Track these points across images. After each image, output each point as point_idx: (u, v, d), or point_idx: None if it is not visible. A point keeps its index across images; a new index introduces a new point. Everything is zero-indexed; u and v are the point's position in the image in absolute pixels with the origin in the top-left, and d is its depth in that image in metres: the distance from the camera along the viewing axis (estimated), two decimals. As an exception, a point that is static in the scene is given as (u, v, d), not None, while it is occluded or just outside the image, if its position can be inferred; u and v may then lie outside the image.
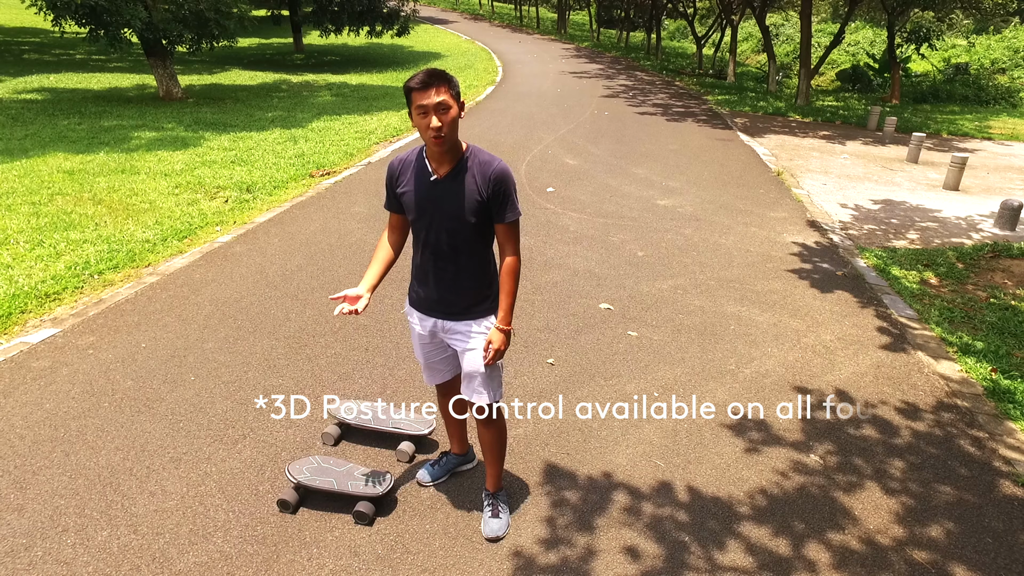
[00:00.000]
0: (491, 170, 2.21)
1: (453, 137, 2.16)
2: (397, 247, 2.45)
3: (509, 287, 2.32)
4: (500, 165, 2.23)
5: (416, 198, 2.26)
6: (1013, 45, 19.30)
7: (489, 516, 2.62)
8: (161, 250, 5.24)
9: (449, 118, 2.10)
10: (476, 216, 2.24)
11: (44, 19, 10.90)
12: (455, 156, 2.21)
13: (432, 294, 2.37)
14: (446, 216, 2.24)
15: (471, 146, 2.26)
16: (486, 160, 2.23)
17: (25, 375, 3.50)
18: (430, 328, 2.43)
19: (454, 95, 2.11)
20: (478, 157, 2.24)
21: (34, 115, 10.12)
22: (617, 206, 6.89)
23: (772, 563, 2.52)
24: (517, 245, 2.33)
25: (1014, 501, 2.90)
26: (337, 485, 2.66)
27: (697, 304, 4.68)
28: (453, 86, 2.11)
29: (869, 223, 6.93)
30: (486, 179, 2.20)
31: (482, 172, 2.21)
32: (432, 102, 2.06)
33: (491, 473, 2.65)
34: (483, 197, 2.22)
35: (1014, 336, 4.37)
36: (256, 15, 23.48)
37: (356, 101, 13.03)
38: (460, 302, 2.35)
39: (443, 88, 2.08)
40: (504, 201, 2.25)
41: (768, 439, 3.26)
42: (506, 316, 2.33)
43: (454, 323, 2.38)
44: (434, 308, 2.39)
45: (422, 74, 2.09)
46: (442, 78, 2.09)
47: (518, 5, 40.26)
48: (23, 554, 2.41)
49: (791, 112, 14.13)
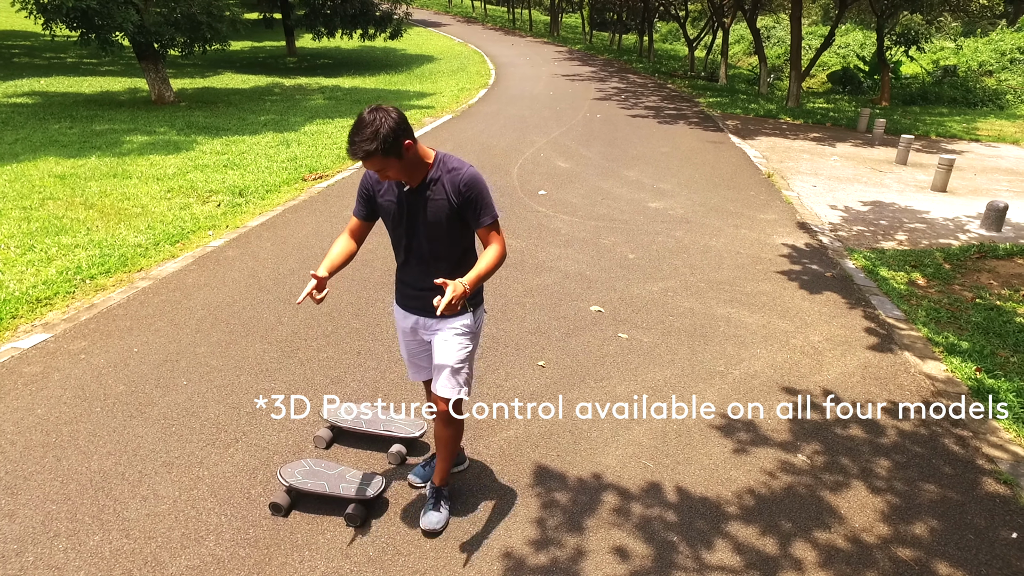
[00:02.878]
0: (459, 178, 2.23)
1: (410, 169, 2.19)
2: (356, 246, 2.49)
3: (484, 263, 2.28)
4: (468, 172, 2.25)
5: (390, 206, 2.32)
6: (1000, 47, 19.49)
7: (430, 508, 2.64)
8: (153, 254, 5.25)
9: (394, 172, 2.15)
10: (450, 223, 2.28)
11: (34, 22, 10.87)
12: (423, 169, 2.24)
13: (412, 293, 2.45)
14: (421, 223, 2.30)
15: (439, 155, 2.28)
16: (454, 167, 2.26)
17: (16, 380, 3.50)
18: (411, 325, 2.50)
19: (384, 154, 2.06)
20: (447, 165, 2.26)
21: (25, 119, 10.08)
22: (608, 209, 6.93)
23: (759, 562, 2.56)
24: (502, 241, 2.35)
25: (996, 498, 2.95)
26: (329, 488, 2.68)
27: (687, 306, 4.72)
28: (380, 148, 2.04)
29: (858, 224, 7.00)
30: (456, 188, 2.24)
31: (451, 181, 2.24)
32: (371, 168, 2.12)
33: (440, 468, 2.66)
34: (455, 205, 2.25)
35: (999, 336, 4.43)
36: (248, 18, 23.46)
37: (349, 104, 13.04)
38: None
39: (374, 160, 2.07)
40: (477, 207, 2.28)
41: (756, 439, 3.30)
42: (471, 276, 2.22)
43: (433, 320, 2.43)
44: (414, 306, 2.46)
45: (349, 144, 2.07)
46: (366, 150, 2.03)
47: (511, 8, 40.34)
48: (14, 560, 2.41)
49: (782, 114, 14.23)
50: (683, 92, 17.43)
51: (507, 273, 5.14)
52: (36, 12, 10.41)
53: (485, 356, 3.92)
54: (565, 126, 11.55)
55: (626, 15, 30.12)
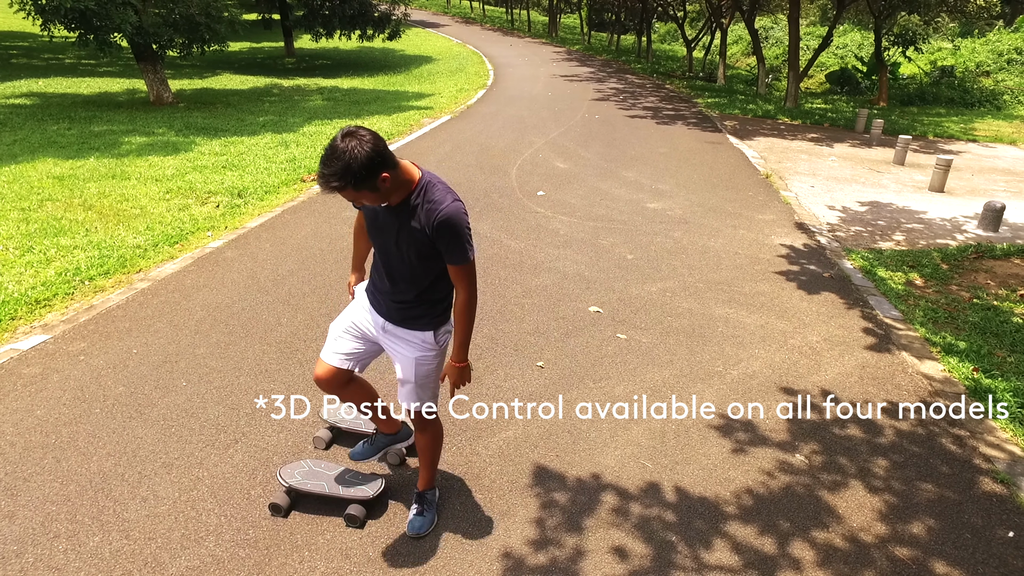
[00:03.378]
0: (435, 216, 2.08)
1: (390, 194, 2.07)
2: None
3: (460, 326, 2.26)
4: (447, 210, 2.09)
5: (371, 215, 2.25)
6: (997, 48, 19.54)
7: (414, 514, 2.64)
8: (152, 256, 5.25)
9: (369, 201, 2.04)
10: (420, 253, 2.17)
11: (32, 23, 10.87)
12: (406, 190, 2.11)
13: (378, 293, 2.39)
14: (395, 242, 2.20)
15: (424, 180, 2.13)
16: (435, 200, 2.10)
17: (16, 382, 3.50)
18: (371, 317, 2.45)
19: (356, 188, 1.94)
20: (428, 195, 2.11)
21: (23, 120, 10.08)
22: (607, 209, 6.94)
23: (758, 561, 2.57)
24: (470, 286, 2.23)
25: (993, 498, 2.96)
26: (328, 489, 2.68)
27: (686, 306, 4.73)
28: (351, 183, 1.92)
29: (856, 225, 7.01)
30: (431, 223, 2.09)
31: (428, 214, 2.10)
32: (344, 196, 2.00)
33: (422, 474, 2.65)
34: (428, 238, 2.13)
35: (996, 336, 4.45)
36: (247, 19, 23.46)
37: (347, 105, 13.05)
38: (401, 312, 2.34)
39: (346, 192, 1.95)
40: (450, 246, 2.14)
41: (754, 439, 3.31)
42: (458, 352, 2.28)
43: (393, 327, 2.38)
44: (380, 308, 2.40)
45: (319, 174, 1.94)
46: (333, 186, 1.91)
47: (509, 9, 40.38)
48: (14, 560, 2.42)
49: (780, 115, 14.26)
50: (681, 93, 17.45)
51: (506, 274, 5.15)
52: (34, 13, 10.41)
53: (484, 356, 3.93)
54: (563, 127, 11.56)
55: (624, 16, 30.16)
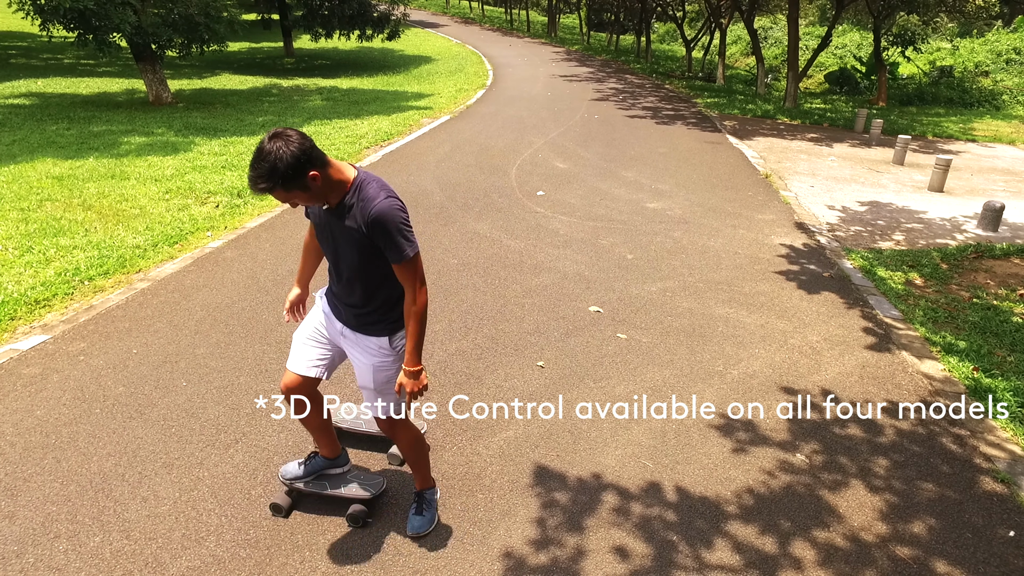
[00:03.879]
0: (368, 213, 2.07)
1: (324, 195, 2.07)
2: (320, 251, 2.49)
3: (411, 329, 2.23)
4: (379, 207, 2.07)
5: (315, 217, 2.26)
6: (996, 48, 19.56)
7: (412, 513, 2.64)
8: (152, 256, 5.24)
9: (303, 201, 2.05)
10: (361, 251, 2.16)
11: (31, 23, 10.85)
12: (341, 191, 2.10)
13: (335, 297, 2.39)
14: (337, 243, 2.21)
15: (359, 179, 2.12)
16: (368, 198, 2.09)
17: (15, 382, 3.50)
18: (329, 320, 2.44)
19: (285, 188, 1.95)
20: (362, 193, 2.10)
21: (22, 120, 10.07)
22: (607, 209, 6.94)
23: (759, 561, 2.57)
24: (417, 283, 2.19)
25: (993, 497, 2.97)
26: (330, 488, 2.68)
27: (686, 306, 4.73)
28: (279, 184, 1.93)
29: (856, 225, 7.02)
30: (365, 221, 2.09)
31: (362, 211, 2.09)
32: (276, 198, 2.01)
33: (414, 474, 2.65)
34: (365, 235, 2.12)
35: (995, 335, 4.45)
36: (246, 19, 23.45)
37: (347, 105, 13.04)
38: (355, 316, 2.33)
39: (275, 193, 1.97)
40: (387, 243, 2.11)
41: (755, 439, 3.31)
42: (410, 358, 2.25)
43: (351, 332, 2.37)
44: (337, 311, 2.40)
45: (248, 177, 1.96)
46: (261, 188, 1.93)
47: (508, 9, 40.38)
48: (15, 561, 2.41)
49: (779, 115, 14.26)
50: (681, 93, 17.46)
51: (506, 274, 5.15)
52: (33, 13, 10.40)
53: (484, 356, 3.93)
54: (563, 127, 11.56)
55: (624, 16, 30.17)
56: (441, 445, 3.15)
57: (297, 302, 2.65)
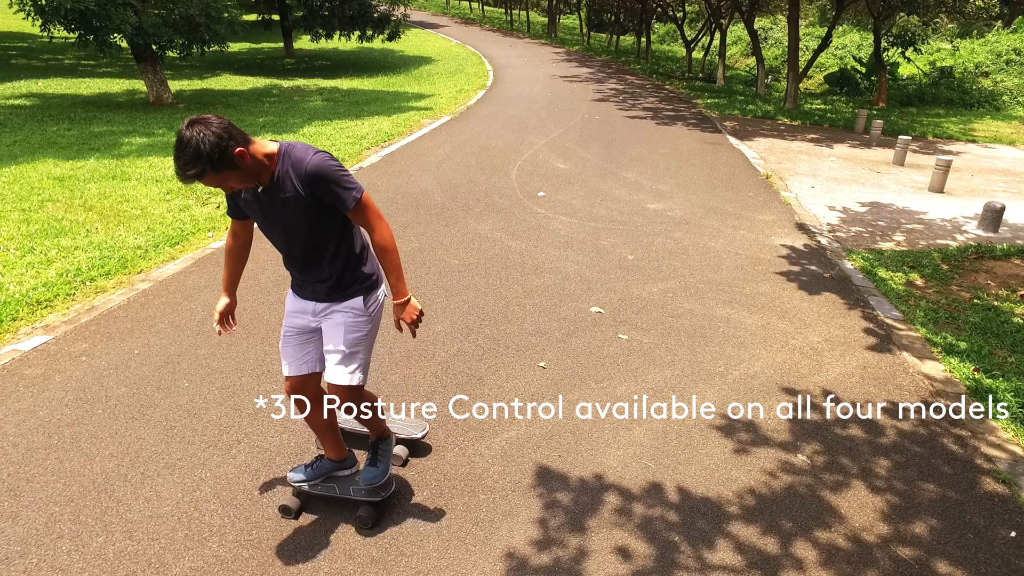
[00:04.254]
0: (303, 170, 2.11)
1: (254, 173, 2.09)
2: (245, 246, 2.49)
3: (388, 262, 2.27)
4: (311, 162, 2.11)
5: (251, 207, 2.25)
6: (996, 49, 19.57)
7: (367, 464, 2.65)
8: (153, 256, 5.25)
9: (236, 183, 2.06)
10: (310, 215, 2.18)
11: (32, 24, 10.87)
12: (270, 164, 2.13)
13: (300, 282, 2.42)
14: (283, 220, 2.21)
15: (283, 148, 2.15)
16: (298, 159, 2.12)
17: (18, 383, 3.50)
18: (299, 307, 2.44)
19: (216, 170, 1.96)
20: (291, 157, 2.13)
21: (23, 121, 10.07)
22: (607, 210, 6.95)
23: (761, 561, 2.57)
24: (376, 219, 2.23)
25: (995, 498, 2.97)
26: (339, 491, 2.69)
27: (687, 307, 4.74)
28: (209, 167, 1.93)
29: (856, 225, 7.02)
30: (301, 180, 2.12)
31: (296, 174, 2.12)
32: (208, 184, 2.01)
33: (370, 429, 2.66)
34: (308, 195, 2.14)
35: (996, 336, 4.45)
36: (246, 20, 23.45)
37: (347, 106, 13.05)
38: (325, 288, 2.36)
39: (207, 178, 1.97)
40: (332, 192, 2.15)
41: (756, 439, 3.31)
42: (397, 289, 2.30)
43: (326, 305, 2.39)
44: (305, 292, 2.42)
45: (175, 169, 1.95)
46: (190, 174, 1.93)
47: (508, 9, 40.40)
48: (18, 561, 2.42)
49: (780, 115, 14.27)
50: (681, 93, 17.47)
51: (507, 274, 5.15)
52: (34, 14, 10.41)
53: (486, 357, 3.94)
54: (563, 127, 11.57)
55: (624, 16, 30.18)
56: (443, 446, 3.15)
57: (227, 312, 2.55)
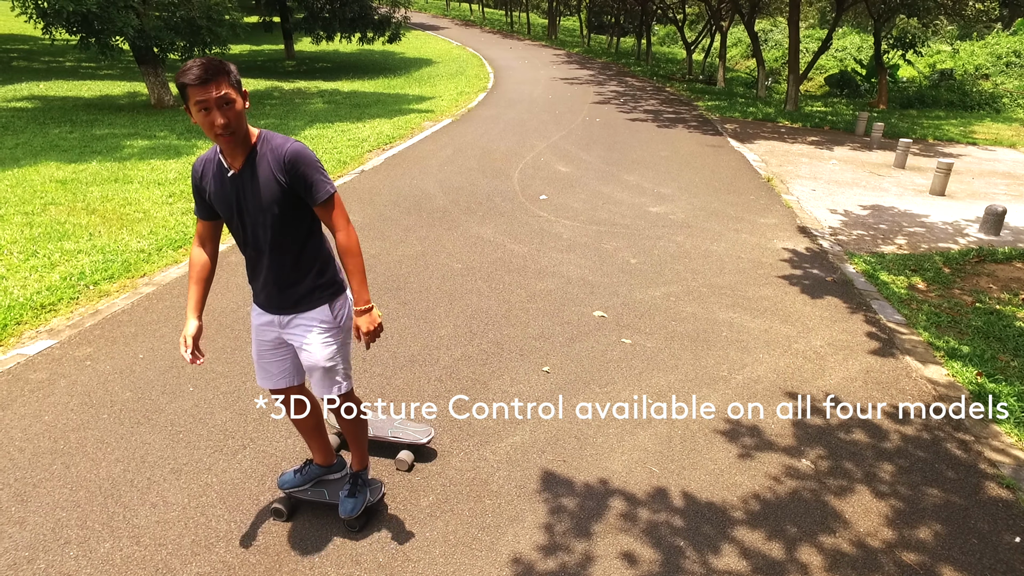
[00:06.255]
0: (283, 153, 2.09)
1: (242, 130, 2.07)
2: (212, 257, 2.37)
3: (352, 266, 2.20)
4: (292, 146, 2.10)
5: (219, 196, 2.18)
6: (996, 51, 19.60)
7: (345, 495, 2.60)
8: (156, 260, 5.26)
9: (234, 113, 2.00)
10: (281, 205, 2.13)
11: (34, 27, 10.87)
12: (247, 147, 2.11)
13: (263, 290, 2.31)
14: (252, 210, 2.15)
15: (263, 132, 2.15)
16: (278, 144, 2.11)
17: (23, 387, 3.51)
18: (265, 322, 2.37)
19: (235, 86, 2.00)
20: (270, 142, 2.12)
21: (24, 124, 10.08)
22: (609, 213, 6.96)
23: (766, 566, 2.58)
24: (344, 220, 2.20)
25: (999, 503, 2.98)
26: (329, 496, 2.70)
27: (689, 311, 4.75)
28: (233, 77, 2.00)
29: (858, 228, 7.03)
30: (280, 164, 2.09)
31: (275, 157, 2.09)
32: (212, 97, 1.94)
33: (353, 453, 2.64)
34: (283, 183, 2.11)
35: (999, 340, 4.46)
36: (247, 22, 23.46)
37: (348, 108, 13.06)
38: (291, 296, 2.27)
39: (223, 82, 1.96)
40: (308, 182, 2.12)
41: (761, 444, 3.32)
42: (359, 296, 2.21)
43: (292, 316, 2.31)
44: (270, 304, 2.32)
45: (197, 67, 1.92)
46: (219, 71, 1.95)
47: (509, 11, 40.45)
48: (26, 567, 2.42)
49: (780, 118, 14.29)
50: (681, 95, 17.49)
51: (510, 278, 5.16)
52: (36, 16, 10.42)
53: (490, 361, 3.94)
54: (564, 130, 11.58)
55: (624, 18, 30.22)
56: (448, 451, 3.16)
57: (197, 336, 2.31)
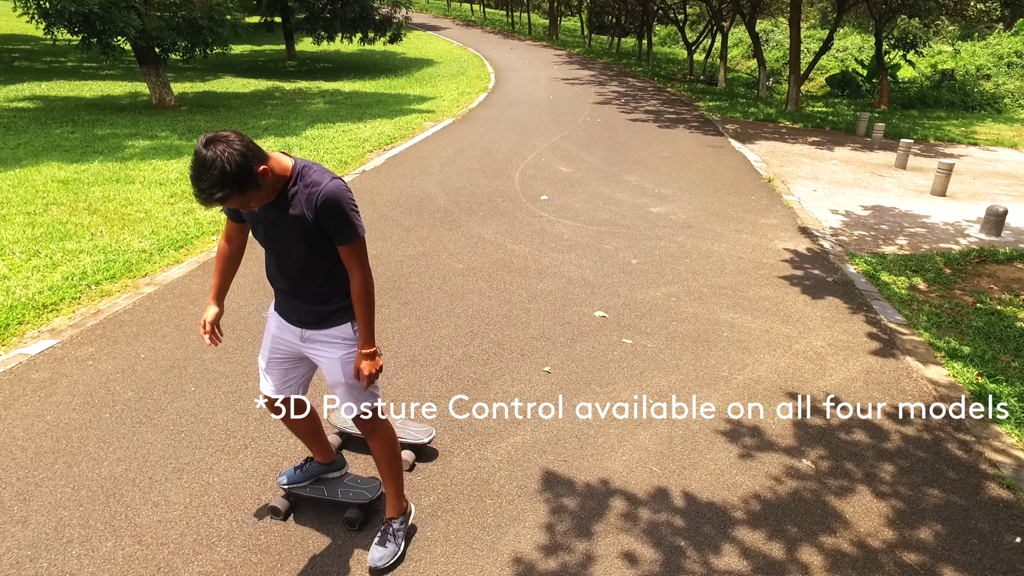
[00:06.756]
0: (317, 196, 2.04)
1: (272, 191, 2.02)
2: (238, 252, 2.40)
3: (361, 311, 2.21)
4: (327, 188, 2.04)
5: (254, 217, 2.17)
6: (997, 51, 19.59)
7: (376, 543, 2.50)
8: (158, 260, 5.26)
9: (256, 202, 2.00)
10: (309, 241, 2.12)
11: (36, 27, 10.89)
12: (281, 181, 2.06)
13: (288, 303, 2.32)
14: (282, 238, 2.15)
15: (297, 166, 2.08)
16: (313, 182, 2.05)
17: (25, 387, 3.52)
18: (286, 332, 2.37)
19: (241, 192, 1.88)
20: (305, 179, 2.06)
21: (26, 124, 10.10)
22: (610, 214, 6.96)
23: (766, 567, 2.58)
24: (360, 265, 2.18)
25: (999, 503, 2.98)
26: (327, 493, 2.70)
27: (690, 311, 4.75)
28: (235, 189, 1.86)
29: (859, 229, 7.04)
30: (312, 205, 2.05)
31: (308, 197, 2.05)
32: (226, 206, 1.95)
33: (387, 493, 2.54)
34: (313, 222, 2.08)
35: (1000, 340, 4.46)
36: (249, 22, 23.47)
37: (349, 108, 13.07)
38: (315, 312, 2.28)
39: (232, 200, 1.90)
40: (338, 224, 2.08)
41: (761, 444, 3.32)
42: (365, 340, 2.23)
43: (312, 332, 2.31)
44: (292, 317, 2.33)
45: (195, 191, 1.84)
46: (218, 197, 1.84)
47: (510, 11, 40.46)
48: (28, 566, 2.43)
49: (781, 118, 14.29)
50: (682, 96, 17.49)
51: (511, 279, 5.17)
52: (38, 17, 10.44)
53: (491, 362, 3.95)
54: (565, 130, 11.58)
55: (625, 19, 30.22)
56: (449, 450, 3.17)
57: (215, 322, 2.41)
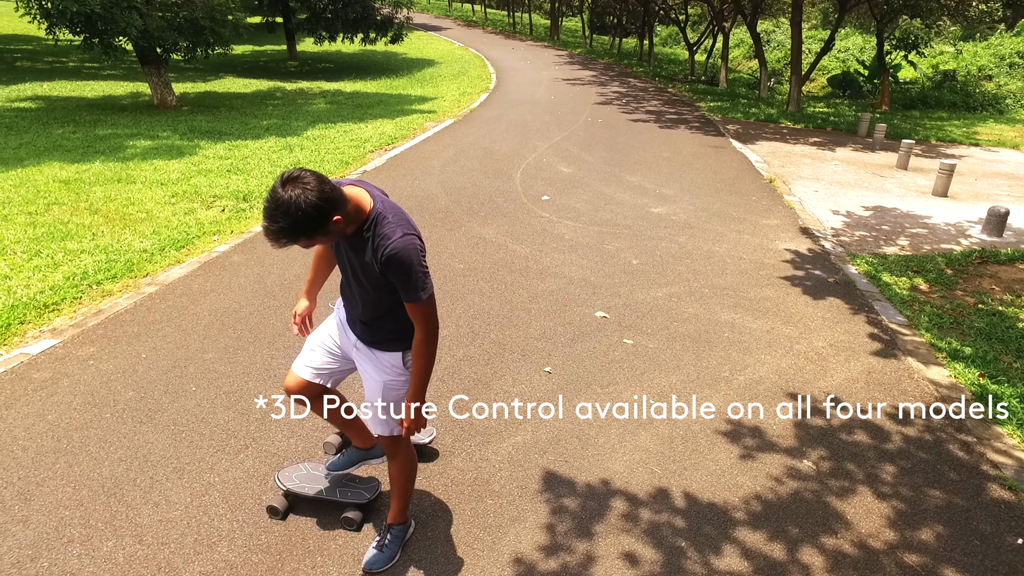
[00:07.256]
0: (383, 252, 2.00)
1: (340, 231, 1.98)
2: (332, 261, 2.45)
3: (417, 366, 2.18)
4: (394, 246, 1.99)
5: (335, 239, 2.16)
6: (999, 52, 19.56)
7: (373, 547, 2.52)
8: (159, 260, 5.27)
9: (324, 243, 2.01)
10: (376, 283, 2.12)
11: (38, 27, 10.91)
12: (358, 221, 2.02)
13: (352, 314, 2.35)
14: (355, 268, 2.15)
15: (375, 211, 2.03)
16: (384, 235, 2.01)
17: (26, 386, 3.52)
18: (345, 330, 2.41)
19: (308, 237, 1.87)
20: (377, 229, 2.02)
21: (28, 124, 10.10)
22: (612, 214, 6.96)
23: (767, 567, 2.58)
24: (426, 324, 2.12)
25: (1001, 504, 2.97)
26: (326, 493, 2.71)
27: (691, 312, 4.74)
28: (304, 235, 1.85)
29: (860, 230, 7.03)
30: (378, 258, 2.02)
31: (376, 248, 2.02)
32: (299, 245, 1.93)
33: (392, 504, 2.55)
34: (380, 273, 2.06)
35: (1001, 341, 4.46)
36: (250, 22, 23.49)
37: (351, 109, 13.07)
38: (370, 334, 2.30)
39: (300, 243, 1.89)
40: (401, 283, 2.05)
41: (762, 445, 3.32)
42: (414, 393, 2.21)
43: (364, 347, 2.33)
44: (353, 325, 2.36)
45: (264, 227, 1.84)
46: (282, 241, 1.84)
47: (511, 12, 40.48)
48: (29, 565, 2.43)
49: (783, 119, 14.28)
50: (684, 96, 17.48)
51: (512, 279, 5.16)
52: (39, 17, 10.45)
53: (492, 362, 3.95)
54: (567, 131, 11.58)
55: (626, 19, 30.22)
56: (450, 451, 3.16)
57: (305, 315, 2.57)
